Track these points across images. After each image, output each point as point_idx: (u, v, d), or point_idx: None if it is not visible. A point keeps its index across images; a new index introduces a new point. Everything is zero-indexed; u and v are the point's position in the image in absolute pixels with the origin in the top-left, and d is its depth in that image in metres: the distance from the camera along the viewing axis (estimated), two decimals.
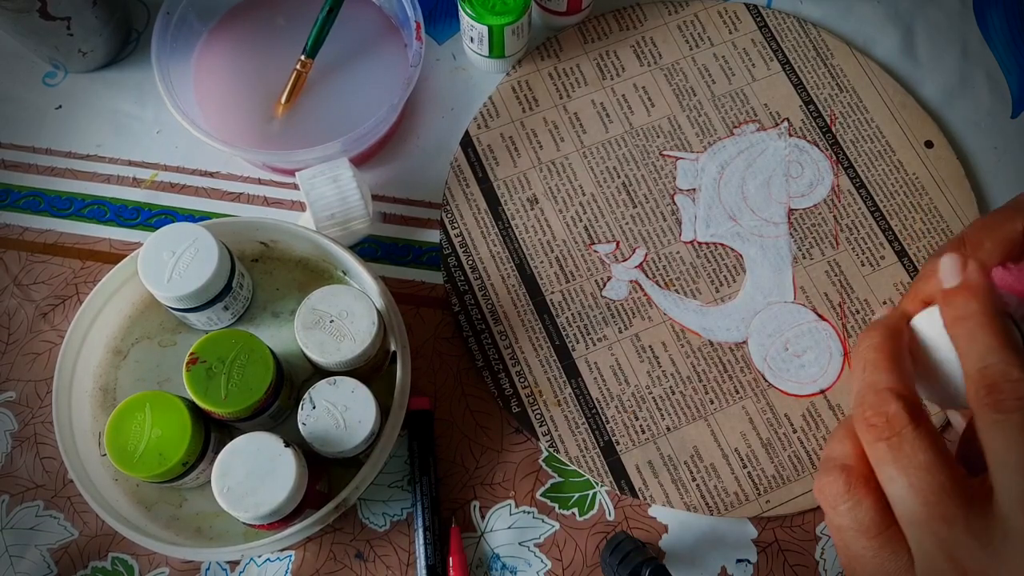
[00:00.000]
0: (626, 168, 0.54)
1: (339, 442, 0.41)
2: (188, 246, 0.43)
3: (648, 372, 0.49)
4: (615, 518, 0.47)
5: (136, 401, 0.42)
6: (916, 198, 0.53)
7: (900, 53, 0.57)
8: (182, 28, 0.52)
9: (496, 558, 0.46)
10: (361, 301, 0.43)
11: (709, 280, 0.51)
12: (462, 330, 0.50)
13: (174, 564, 0.46)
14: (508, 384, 0.49)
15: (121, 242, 0.52)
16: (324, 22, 0.51)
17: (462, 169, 0.53)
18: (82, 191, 0.53)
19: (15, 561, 0.46)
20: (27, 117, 0.55)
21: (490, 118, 0.55)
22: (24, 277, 0.51)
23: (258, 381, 0.42)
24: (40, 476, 0.47)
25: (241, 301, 0.47)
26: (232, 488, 0.39)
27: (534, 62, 0.56)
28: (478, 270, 0.51)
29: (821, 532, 0.47)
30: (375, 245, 0.52)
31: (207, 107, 0.53)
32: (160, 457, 0.41)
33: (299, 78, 0.52)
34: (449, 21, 0.58)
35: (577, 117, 0.55)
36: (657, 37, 0.57)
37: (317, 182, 0.47)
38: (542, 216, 0.52)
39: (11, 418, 0.48)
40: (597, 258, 0.52)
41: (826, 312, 0.51)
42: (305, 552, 0.46)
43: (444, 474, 0.48)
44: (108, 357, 0.48)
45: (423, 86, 0.56)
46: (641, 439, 0.48)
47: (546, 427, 0.48)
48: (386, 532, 0.47)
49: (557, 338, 0.50)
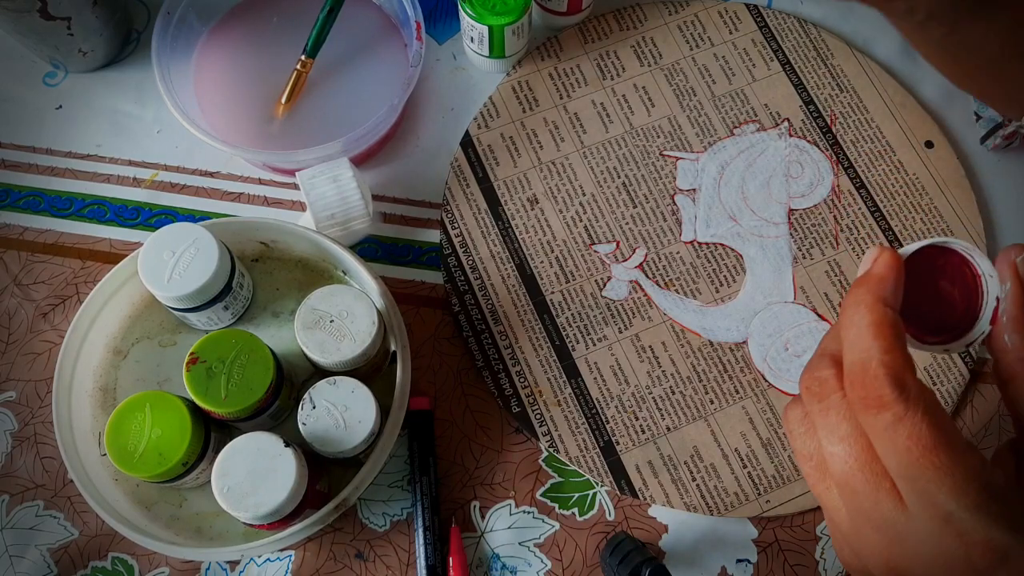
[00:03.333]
0: (626, 168, 0.54)
1: (339, 442, 0.41)
2: (188, 246, 0.43)
3: (648, 372, 0.49)
4: (615, 518, 0.47)
5: (136, 401, 0.42)
6: (916, 198, 0.53)
7: (900, 53, 0.57)
8: (182, 28, 0.52)
9: (496, 558, 0.46)
10: (361, 301, 0.43)
11: (709, 280, 0.51)
12: (462, 330, 0.50)
13: (174, 564, 0.46)
14: (508, 384, 0.49)
15: (121, 242, 0.52)
16: (324, 22, 0.51)
17: (462, 169, 0.53)
18: (82, 191, 0.53)
19: (15, 561, 0.46)
20: (27, 117, 0.55)
21: (490, 118, 0.55)
22: (24, 277, 0.51)
23: (258, 381, 0.42)
24: (40, 476, 0.47)
25: (241, 301, 0.47)
26: (232, 488, 0.39)
27: (534, 62, 0.56)
28: (478, 270, 0.51)
29: (821, 532, 0.47)
30: (375, 245, 0.52)
31: (207, 107, 0.53)
32: (160, 457, 0.41)
33: (299, 78, 0.52)
34: (449, 21, 0.58)
35: (577, 117, 0.55)
36: (657, 37, 0.57)
37: (317, 182, 0.47)
38: (542, 216, 0.52)
39: (11, 418, 0.48)
40: (597, 258, 0.52)
41: (826, 312, 0.51)
42: (305, 552, 0.46)
43: (444, 474, 0.48)
44: (108, 357, 0.48)
45: (423, 86, 0.56)
46: (641, 439, 0.48)
47: (546, 427, 0.48)
48: (386, 532, 0.47)
49: (557, 338, 0.50)
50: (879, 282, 0.28)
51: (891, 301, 0.28)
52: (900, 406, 0.26)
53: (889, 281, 0.28)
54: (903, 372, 0.26)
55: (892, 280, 0.28)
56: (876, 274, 0.28)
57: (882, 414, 0.26)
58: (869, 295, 0.28)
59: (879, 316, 0.27)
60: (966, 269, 0.30)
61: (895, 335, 0.27)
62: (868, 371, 0.27)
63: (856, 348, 0.27)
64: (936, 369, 0.50)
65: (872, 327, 0.27)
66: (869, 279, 0.28)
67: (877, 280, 0.28)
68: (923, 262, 0.30)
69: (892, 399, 0.26)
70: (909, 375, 0.26)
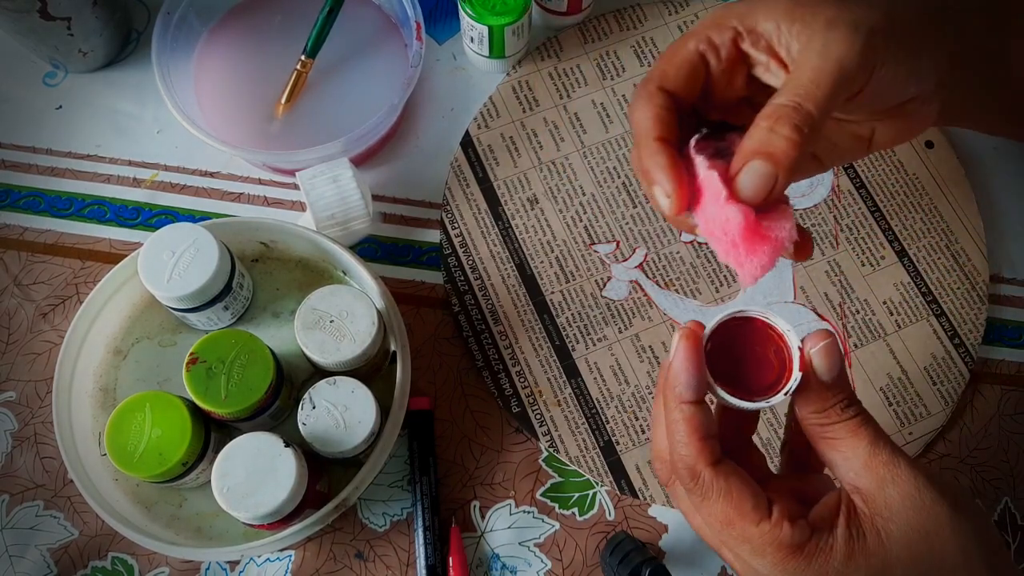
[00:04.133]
0: (626, 168, 0.54)
1: (339, 442, 0.41)
2: (188, 246, 0.43)
3: (648, 372, 0.49)
4: (615, 518, 0.47)
5: (136, 401, 0.42)
6: (916, 198, 0.53)
7: None
8: (182, 28, 0.52)
9: (496, 558, 0.46)
10: (361, 301, 0.43)
11: (709, 280, 0.51)
12: (462, 330, 0.50)
13: (174, 564, 0.46)
14: (508, 384, 0.49)
15: (121, 242, 0.52)
16: (324, 22, 0.51)
17: (462, 169, 0.53)
18: (82, 191, 0.53)
19: (15, 561, 0.46)
20: (27, 117, 0.55)
21: (490, 118, 0.55)
22: (24, 277, 0.51)
23: (258, 381, 0.42)
24: (40, 476, 0.47)
25: (241, 301, 0.47)
26: (232, 488, 0.39)
27: (534, 62, 0.56)
28: (478, 270, 0.51)
29: None
30: (375, 245, 0.52)
31: (207, 107, 0.53)
32: (160, 457, 0.41)
33: (299, 78, 0.52)
34: (449, 21, 0.58)
35: (577, 117, 0.55)
36: (657, 37, 0.57)
37: (317, 182, 0.47)
38: (542, 216, 0.52)
39: (11, 418, 0.48)
40: (597, 258, 0.52)
41: (826, 312, 0.51)
42: (305, 552, 0.46)
43: (444, 474, 0.48)
44: (108, 357, 0.48)
45: (423, 86, 0.56)
46: (641, 439, 0.48)
47: (546, 427, 0.48)
48: (386, 532, 0.47)
49: (557, 338, 0.50)
50: (675, 379, 0.31)
51: (687, 396, 0.31)
52: (698, 490, 0.31)
53: (683, 376, 0.31)
54: (696, 463, 0.31)
55: (686, 374, 0.31)
56: (673, 371, 0.31)
57: (691, 496, 0.31)
58: (671, 395, 0.31)
59: (677, 415, 0.31)
60: (770, 331, 0.33)
61: (691, 429, 0.31)
62: (675, 460, 0.31)
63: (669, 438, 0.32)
64: (936, 369, 0.50)
65: (675, 423, 0.31)
66: (670, 377, 0.31)
67: (674, 378, 0.31)
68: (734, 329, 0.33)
69: (691, 486, 0.31)
70: (702, 464, 0.30)
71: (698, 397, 0.31)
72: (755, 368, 0.33)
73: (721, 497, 0.30)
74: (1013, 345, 0.51)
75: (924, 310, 0.51)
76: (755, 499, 0.30)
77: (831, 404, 0.32)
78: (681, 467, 0.31)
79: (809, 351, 0.32)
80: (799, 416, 0.33)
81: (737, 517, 0.30)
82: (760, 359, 0.33)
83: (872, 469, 0.31)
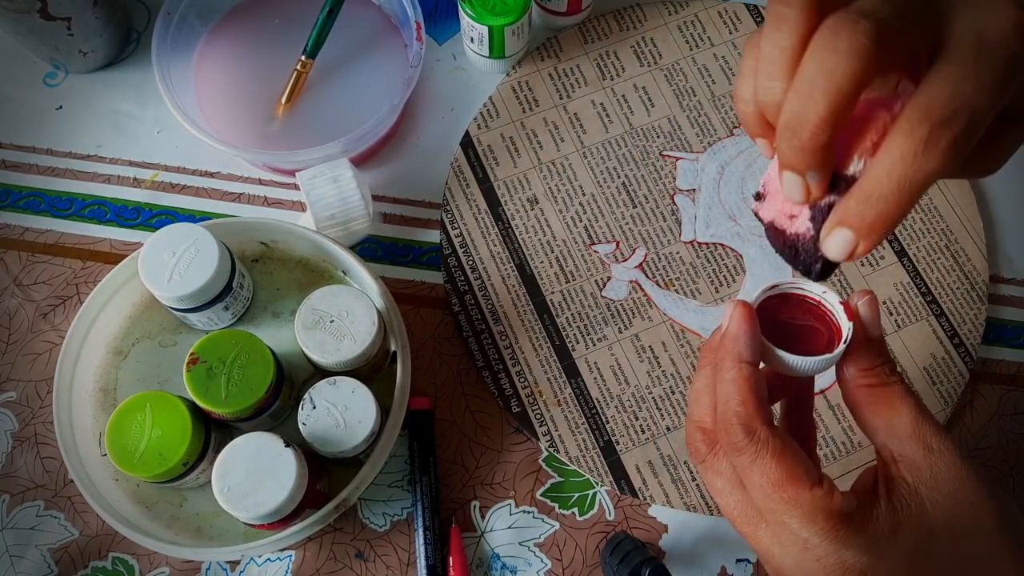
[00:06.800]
0: (626, 168, 0.54)
1: (339, 442, 0.41)
2: (188, 246, 0.43)
3: (648, 372, 0.49)
4: (615, 518, 0.47)
5: (136, 401, 0.42)
6: None
7: None
8: (182, 28, 0.52)
9: (496, 558, 0.46)
10: (361, 301, 0.43)
11: (709, 280, 0.51)
12: (462, 330, 0.50)
13: (174, 564, 0.46)
14: (508, 384, 0.49)
15: (121, 242, 0.52)
16: (324, 22, 0.51)
17: (462, 169, 0.53)
18: (82, 191, 0.53)
19: (15, 561, 0.46)
20: (28, 117, 0.55)
21: (490, 118, 0.55)
22: (24, 277, 0.51)
23: (258, 381, 0.42)
24: (40, 476, 0.47)
25: (241, 301, 0.47)
26: (232, 488, 0.39)
27: (534, 62, 0.56)
28: (478, 270, 0.51)
29: None
30: (375, 245, 0.52)
31: (207, 107, 0.53)
32: (160, 457, 0.41)
33: (299, 78, 0.52)
34: (449, 21, 0.58)
35: (577, 117, 0.55)
36: (657, 37, 0.57)
37: (317, 182, 0.47)
38: (542, 216, 0.52)
39: (11, 418, 0.48)
40: (597, 258, 0.52)
41: None
42: (305, 552, 0.46)
43: (444, 474, 0.48)
44: (108, 357, 0.48)
45: (423, 86, 0.56)
46: (641, 439, 0.48)
47: (546, 427, 0.48)
48: (386, 532, 0.47)
49: (557, 338, 0.50)
50: (733, 340, 0.32)
51: (746, 356, 0.31)
52: (751, 449, 0.30)
53: (742, 337, 0.31)
54: (752, 420, 0.30)
55: (745, 335, 0.31)
56: (731, 333, 0.32)
57: (741, 457, 0.30)
58: (728, 355, 0.32)
59: (735, 373, 0.31)
60: (806, 301, 0.33)
61: (749, 388, 0.31)
62: (727, 420, 0.31)
63: (720, 401, 0.31)
64: (936, 369, 0.50)
65: (730, 383, 0.31)
66: (726, 339, 0.32)
67: (732, 339, 0.32)
68: (773, 307, 0.33)
69: (744, 444, 0.30)
70: (758, 422, 0.30)
71: (756, 359, 0.31)
72: (803, 338, 0.33)
73: (776, 456, 0.30)
74: (1013, 345, 0.51)
75: (924, 310, 0.51)
76: (807, 464, 0.30)
77: (880, 362, 0.32)
78: (736, 425, 0.31)
79: (855, 304, 0.32)
80: (846, 379, 0.33)
81: (791, 479, 0.30)
82: (806, 329, 0.33)
83: (919, 438, 0.31)
